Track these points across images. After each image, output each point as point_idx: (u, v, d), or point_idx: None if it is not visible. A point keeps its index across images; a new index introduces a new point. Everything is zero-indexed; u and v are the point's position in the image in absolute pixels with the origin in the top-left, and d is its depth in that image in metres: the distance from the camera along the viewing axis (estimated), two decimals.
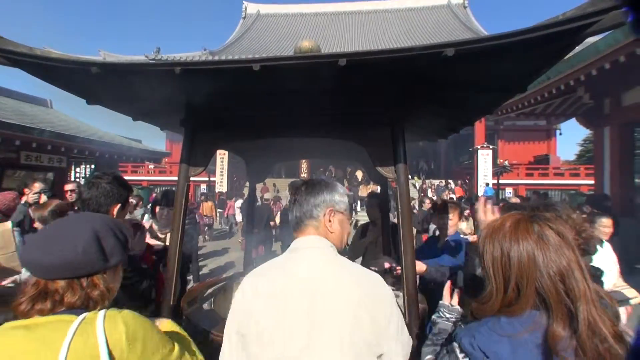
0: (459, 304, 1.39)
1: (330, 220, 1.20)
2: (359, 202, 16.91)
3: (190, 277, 6.64)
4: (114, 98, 2.02)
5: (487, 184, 18.76)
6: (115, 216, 1.77)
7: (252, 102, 1.95)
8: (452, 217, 2.94)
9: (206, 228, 12.78)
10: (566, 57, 1.73)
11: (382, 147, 1.95)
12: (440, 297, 1.44)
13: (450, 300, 1.39)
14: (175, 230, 2.19)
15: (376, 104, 1.93)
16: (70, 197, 5.03)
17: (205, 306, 2.34)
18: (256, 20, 32.56)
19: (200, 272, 7.43)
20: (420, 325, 1.84)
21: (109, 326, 0.85)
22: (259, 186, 15.73)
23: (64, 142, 9.27)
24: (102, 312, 0.88)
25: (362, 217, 15.34)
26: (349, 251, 3.74)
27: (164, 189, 11.82)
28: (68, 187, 5.25)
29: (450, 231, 2.94)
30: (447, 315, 1.33)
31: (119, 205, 1.79)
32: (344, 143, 2.73)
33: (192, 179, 2.23)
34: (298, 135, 2.08)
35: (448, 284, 1.46)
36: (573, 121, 10.35)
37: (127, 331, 0.86)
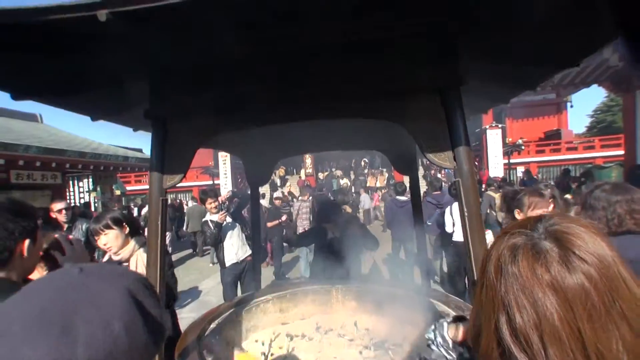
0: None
1: None
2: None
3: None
4: (39, 82, 1.42)
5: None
6: (27, 255, 1.10)
7: (240, 72, 1.35)
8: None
9: None
10: None
11: (431, 124, 1.36)
12: None
13: (455, 333, 1.03)
14: (153, 259, 1.62)
15: (419, 57, 1.33)
16: (65, 216, 4.48)
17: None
18: None
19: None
20: None
21: None
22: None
23: (53, 157, 8.67)
24: None
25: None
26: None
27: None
28: (58, 206, 4.62)
29: None
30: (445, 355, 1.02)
31: (27, 241, 1.10)
32: (364, 125, 2.14)
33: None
34: (305, 118, 1.48)
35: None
36: (583, 92, 9.74)
37: None
